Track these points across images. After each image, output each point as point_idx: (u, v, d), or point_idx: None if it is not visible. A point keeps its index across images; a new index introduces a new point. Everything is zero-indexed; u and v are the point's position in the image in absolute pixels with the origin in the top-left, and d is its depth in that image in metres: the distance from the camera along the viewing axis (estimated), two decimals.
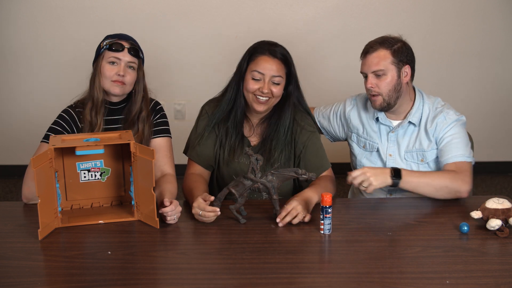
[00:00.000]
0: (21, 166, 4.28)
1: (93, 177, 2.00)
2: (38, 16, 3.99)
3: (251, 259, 1.66)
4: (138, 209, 1.92)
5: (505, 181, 4.10)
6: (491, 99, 4.18)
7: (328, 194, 1.77)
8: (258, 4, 3.99)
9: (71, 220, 1.91)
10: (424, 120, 2.24)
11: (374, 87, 2.17)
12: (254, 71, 2.06)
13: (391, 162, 2.28)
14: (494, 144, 4.19)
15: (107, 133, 2.01)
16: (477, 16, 4.02)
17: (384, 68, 2.15)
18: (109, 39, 2.12)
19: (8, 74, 4.12)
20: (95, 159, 1.98)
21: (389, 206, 2.03)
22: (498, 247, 1.72)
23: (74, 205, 2.02)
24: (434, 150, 2.22)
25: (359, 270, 1.59)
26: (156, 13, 3.99)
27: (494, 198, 1.87)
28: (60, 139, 1.90)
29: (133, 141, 1.87)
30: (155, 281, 1.57)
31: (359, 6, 4.00)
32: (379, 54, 2.16)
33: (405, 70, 2.19)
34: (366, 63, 2.18)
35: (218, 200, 1.90)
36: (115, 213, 1.96)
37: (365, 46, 2.22)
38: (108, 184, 2.03)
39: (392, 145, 2.29)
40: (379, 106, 2.21)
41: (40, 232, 1.77)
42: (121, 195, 2.05)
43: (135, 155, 1.87)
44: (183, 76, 4.10)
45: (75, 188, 2.00)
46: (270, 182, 1.87)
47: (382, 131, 2.31)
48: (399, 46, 2.18)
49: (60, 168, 1.96)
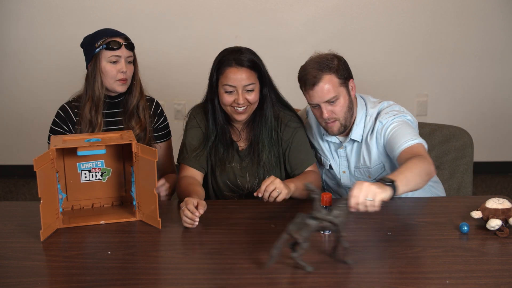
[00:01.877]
0: (21, 166, 4.31)
1: (94, 177, 2.00)
2: (38, 16, 3.99)
3: (251, 259, 1.66)
4: (139, 209, 1.91)
5: (505, 181, 4.10)
6: (491, 99, 4.18)
7: (327, 194, 1.76)
8: (258, 4, 3.99)
9: (72, 220, 1.91)
10: (365, 134, 2.15)
11: (331, 115, 2.07)
12: (225, 85, 2.03)
13: (345, 179, 2.23)
14: (494, 144, 4.19)
15: (108, 133, 2.01)
16: (477, 16, 4.02)
17: (336, 93, 2.04)
18: (103, 38, 2.11)
19: (8, 74, 4.12)
20: (96, 160, 1.98)
21: (389, 206, 2.03)
22: (498, 247, 1.72)
23: (75, 205, 2.01)
24: (378, 166, 2.15)
25: (359, 270, 1.59)
26: (156, 13, 3.99)
27: (494, 198, 1.87)
28: (61, 140, 1.91)
29: (135, 141, 1.87)
30: (155, 281, 1.57)
31: (359, 6, 4.00)
32: (326, 81, 2.03)
33: (350, 85, 2.11)
34: (316, 95, 2.04)
35: (277, 249, 1.58)
36: (116, 214, 1.96)
37: (303, 76, 2.07)
38: (109, 184, 2.02)
39: (343, 161, 2.22)
40: (337, 131, 2.12)
41: (42, 233, 1.77)
42: (122, 195, 2.05)
43: (137, 155, 1.87)
44: (183, 76, 4.10)
45: (76, 189, 2.00)
46: (338, 218, 1.60)
47: (331, 148, 2.24)
48: (336, 64, 2.06)
49: (61, 169, 1.96)
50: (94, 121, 2.14)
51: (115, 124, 2.21)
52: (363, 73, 4.03)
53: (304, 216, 1.59)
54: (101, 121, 2.15)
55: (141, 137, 2.21)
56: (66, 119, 2.18)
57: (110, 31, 2.14)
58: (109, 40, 2.10)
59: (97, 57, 2.11)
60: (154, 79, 4.08)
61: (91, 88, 2.13)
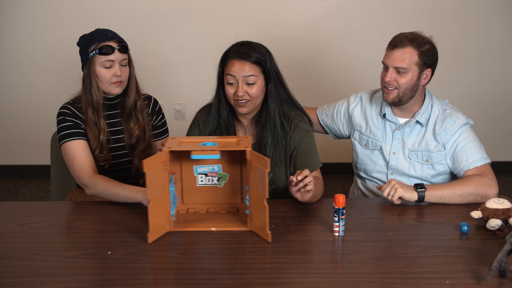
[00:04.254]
0: (21, 166, 4.31)
1: (210, 181, 1.95)
2: (38, 16, 3.99)
3: (251, 259, 1.66)
4: (251, 219, 1.84)
5: (505, 181, 4.10)
6: (491, 99, 4.18)
7: (341, 196, 1.77)
8: (258, 4, 3.99)
9: (179, 225, 1.86)
10: (432, 121, 2.23)
11: (393, 82, 2.16)
12: (228, 75, 2.07)
13: (393, 161, 2.27)
14: (494, 144, 4.18)
15: (226, 138, 1.95)
16: (477, 16, 4.02)
17: (408, 67, 2.14)
18: (96, 42, 2.09)
19: (8, 74, 4.12)
20: (213, 164, 1.91)
21: (389, 206, 2.03)
22: (498, 247, 1.72)
23: (190, 208, 1.97)
24: (440, 152, 2.21)
25: (359, 270, 1.59)
26: (156, 13, 3.99)
27: (494, 198, 1.87)
28: (177, 141, 1.85)
29: (250, 148, 1.79)
30: (155, 281, 1.57)
31: (359, 6, 3.99)
32: (406, 51, 2.13)
33: (425, 73, 2.18)
34: (391, 57, 2.15)
35: (498, 262, 1.50)
36: (229, 221, 1.89)
37: (393, 38, 2.19)
38: (225, 190, 1.95)
39: (397, 143, 2.27)
40: (391, 100, 2.19)
41: (149, 235, 1.75)
42: (236, 203, 1.98)
43: (250, 164, 1.79)
44: (183, 76, 4.10)
45: (191, 192, 1.95)
46: None
47: (387, 128, 2.29)
48: (427, 48, 2.15)
49: (178, 171, 1.92)
50: (98, 124, 2.14)
51: (114, 126, 2.21)
52: (363, 73, 4.04)
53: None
54: (103, 124, 2.15)
55: (141, 137, 2.21)
56: (73, 115, 2.15)
57: (103, 34, 2.11)
58: (102, 45, 2.08)
59: (91, 62, 2.10)
60: (154, 79, 4.10)
61: (89, 92, 2.12)
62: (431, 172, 2.23)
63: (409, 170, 2.25)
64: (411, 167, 2.24)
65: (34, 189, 4.03)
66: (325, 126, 2.50)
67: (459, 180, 2.11)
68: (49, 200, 3.28)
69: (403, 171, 2.25)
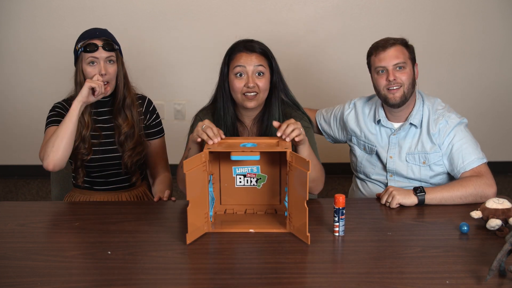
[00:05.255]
0: (21, 166, 4.31)
1: (249, 182, 1.94)
2: (38, 16, 3.99)
3: (251, 259, 1.66)
4: (290, 221, 1.82)
5: (505, 181, 4.10)
6: (491, 99, 4.18)
7: (341, 196, 1.77)
8: (258, 4, 3.99)
9: (217, 226, 1.85)
10: (425, 122, 2.23)
11: (397, 78, 2.16)
12: (236, 67, 2.05)
13: (391, 164, 2.27)
14: (494, 144, 4.19)
15: (265, 139, 1.91)
16: (477, 16, 4.02)
17: (405, 61, 2.18)
18: (82, 41, 2.14)
19: (8, 74, 4.12)
20: (251, 165, 1.91)
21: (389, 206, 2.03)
22: (498, 247, 1.72)
23: (228, 209, 1.96)
24: (437, 153, 2.21)
25: (359, 270, 1.59)
26: (156, 13, 3.99)
27: (494, 198, 1.87)
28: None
29: (290, 149, 1.77)
30: (155, 281, 1.57)
31: (359, 6, 4.00)
32: (398, 48, 2.18)
33: (416, 69, 2.23)
34: (387, 57, 2.17)
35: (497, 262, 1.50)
36: (267, 223, 1.87)
37: (375, 44, 2.23)
38: (264, 191, 1.94)
39: (393, 148, 2.27)
40: (399, 98, 2.18)
41: (188, 236, 1.73)
42: (274, 204, 1.96)
43: (291, 165, 1.77)
44: (183, 76, 4.10)
45: (230, 193, 1.94)
46: None
47: (382, 134, 2.30)
48: (410, 44, 2.23)
49: (216, 171, 1.92)
50: (82, 119, 2.16)
51: (106, 122, 2.24)
52: (363, 73, 4.03)
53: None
54: (88, 120, 2.17)
55: (129, 134, 2.21)
56: (62, 108, 2.21)
57: (91, 33, 2.16)
58: (87, 43, 2.12)
59: (78, 59, 2.16)
60: (154, 79, 4.10)
61: (79, 88, 2.15)
62: (429, 173, 2.23)
63: (407, 173, 2.25)
64: (409, 169, 2.24)
65: (34, 189, 4.03)
66: (322, 131, 2.51)
67: (457, 181, 2.11)
68: (49, 200, 3.28)
69: (402, 174, 2.26)
